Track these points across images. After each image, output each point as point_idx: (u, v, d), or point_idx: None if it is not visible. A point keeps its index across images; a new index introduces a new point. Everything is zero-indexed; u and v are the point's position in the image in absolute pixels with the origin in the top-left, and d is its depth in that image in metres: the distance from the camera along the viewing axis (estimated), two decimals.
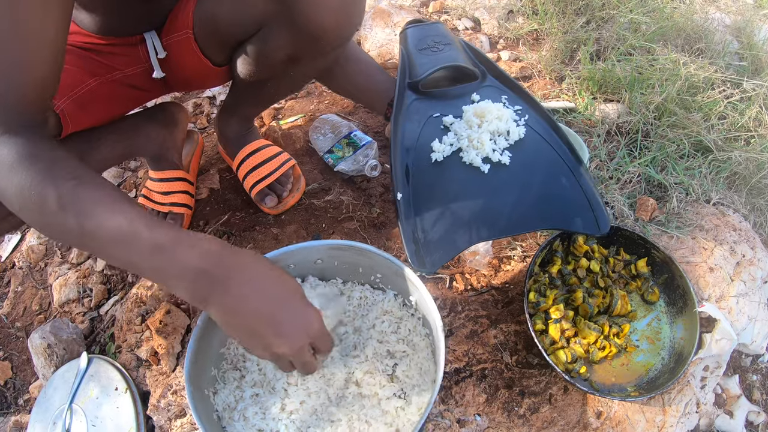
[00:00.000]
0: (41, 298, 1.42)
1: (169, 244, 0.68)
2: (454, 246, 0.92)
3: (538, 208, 0.98)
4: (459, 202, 0.97)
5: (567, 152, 1.04)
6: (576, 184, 1.00)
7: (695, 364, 1.12)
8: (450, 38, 1.17)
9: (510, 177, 1.01)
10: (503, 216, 0.96)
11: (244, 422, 0.91)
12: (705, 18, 1.85)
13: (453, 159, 1.03)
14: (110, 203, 0.69)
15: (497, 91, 1.14)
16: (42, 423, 1.11)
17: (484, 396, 1.04)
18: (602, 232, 0.95)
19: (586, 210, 0.98)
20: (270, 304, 0.72)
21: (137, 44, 1.06)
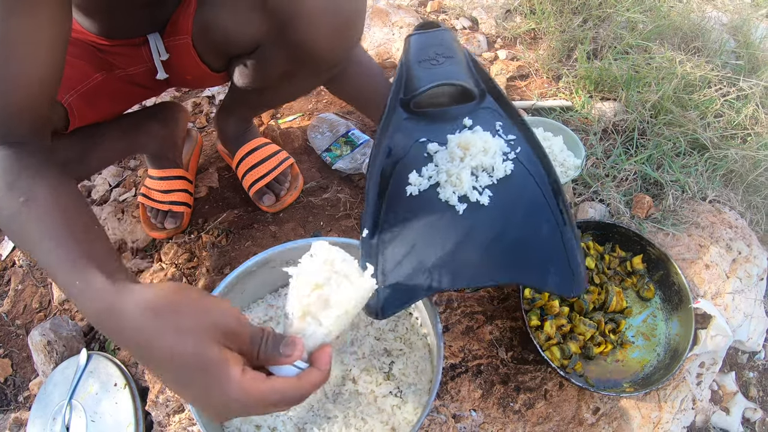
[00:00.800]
0: (41, 296, 1.43)
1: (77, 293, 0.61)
2: (412, 294, 0.81)
3: (510, 259, 0.85)
4: (427, 244, 0.85)
5: (554, 197, 0.90)
6: (558, 237, 0.86)
7: (691, 360, 1.13)
8: (454, 50, 1.06)
9: (486, 220, 0.88)
10: (471, 264, 0.84)
11: (242, 418, 0.92)
12: (702, 17, 1.85)
13: (430, 194, 0.91)
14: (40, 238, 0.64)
15: (493, 115, 1.02)
16: (42, 419, 1.12)
17: (479, 391, 1.04)
18: (575, 294, 0.83)
19: (564, 268, 0.84)
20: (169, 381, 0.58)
21: (140, 45, 1.06)
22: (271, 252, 1.00)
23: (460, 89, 1.02)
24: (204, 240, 1.32)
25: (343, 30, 0.90)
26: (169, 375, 0.55)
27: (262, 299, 1.08)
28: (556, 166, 1.32)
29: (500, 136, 0.98)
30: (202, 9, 0.99)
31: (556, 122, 1.43)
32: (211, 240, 1.32)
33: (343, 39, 0.92)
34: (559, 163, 1.34)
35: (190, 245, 1.32)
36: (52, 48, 0.72)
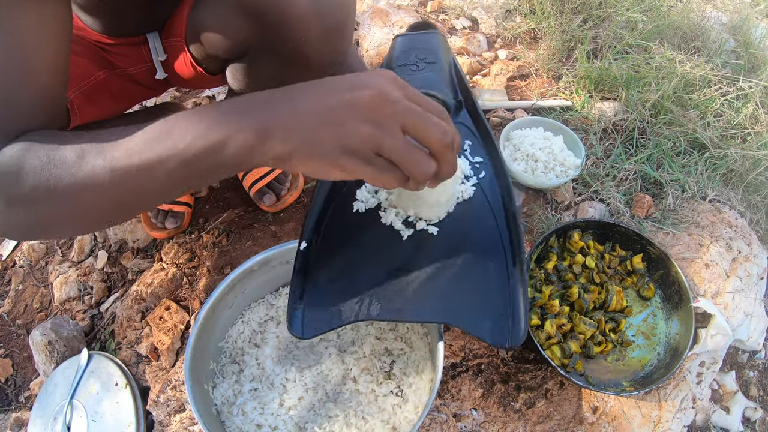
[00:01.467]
0: (42, 296, 1.43)
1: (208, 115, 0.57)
2: (337, 318, 0.76)
3: (448, 297, 0.78)
4: (364, 267, 0.80)
5: (508, 234, 0.82)
6: (504, 279, 0.78)
7: (691, 359, 1.13)
8: (437, 55, 1.01)
9: (430, 249, 0.81)
10: (404, 297, 0.77)
11: (243, 417, 0.92)
12: (701, 16, 1.86)
13: (376, 213, 0.86)
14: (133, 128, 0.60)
15: (465, 132, 0.95)
16: (43, 419, 1.12)
17: (480, 391, 1.04)
18: (512, 345, 0.73)
19: (504, 316, 0.75)
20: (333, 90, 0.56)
21: (140, 44, 1.07)
22: (272, 252, 1.01)
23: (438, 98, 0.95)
24: (205, 240, 1.32)
25: (331, 34, 0.88)
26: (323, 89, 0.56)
27: (262, 299, 1.08)
28: (556, 166, 1.32)
29: (466, 157, 0.92)
30: (194, 12, 0.98)
31: (557, 122, 1.43)
32: (212, 240, 1.32)
33: (332, 45, 0.90)
34: (559, 163, 1.34)
35: (191, 245, 1.33)
36: (59, 40, 0.72)
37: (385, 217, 0.85)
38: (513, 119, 1.53)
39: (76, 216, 0.64)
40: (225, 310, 1.01)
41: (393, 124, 0.55)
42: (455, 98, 0.97)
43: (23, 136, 0.65)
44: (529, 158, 1.35)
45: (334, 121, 0.54)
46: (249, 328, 1.04)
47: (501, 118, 1.55)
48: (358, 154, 0.55)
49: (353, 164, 0.55)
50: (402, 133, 0.56)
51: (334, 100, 0.55)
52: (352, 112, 0.54)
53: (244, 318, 1.05)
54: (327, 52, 0.90)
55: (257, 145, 0.54)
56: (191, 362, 0.89)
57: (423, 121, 0.56)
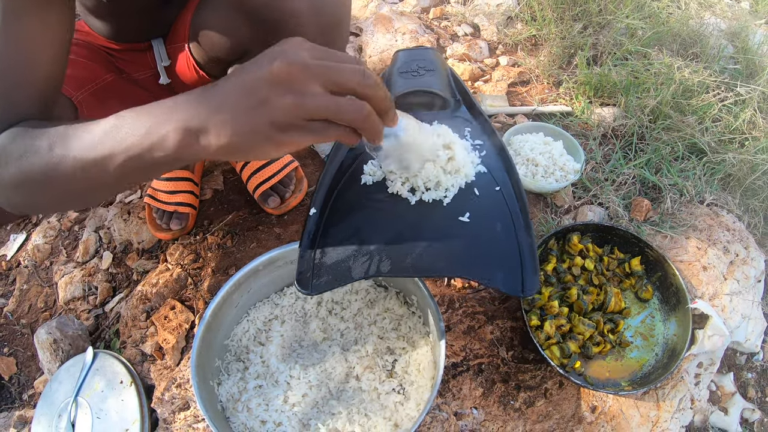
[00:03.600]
0: (46, 295, 1.44)
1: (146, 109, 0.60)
2: (347, 275, 0.81)
3: (458, 252, 0.83)
4: (371, 230, 0.85)
5: (514, 199, 0.89)
6: (512, 236, 0.84)
7: (689, 360, 1.14)
8: (435, 65, 1.08)
9: (439, 215, 0.87)
10: (414, 254, 0.82)
11: (248, 413, 0.94)
12: (700, 23, 1.88)
13: (383, 185, 0.92)
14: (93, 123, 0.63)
15: (464, 122, 1.03)
16: (47, 416, 1.13)
17: (480, 390, 1.06)
18: (525, 295, 0.79)
19: (515, 267, 0.81)
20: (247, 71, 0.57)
21: (145, 50, 1.09)
22: (277, 252, 1.02)
23: (434, 100, 1.03)
24: (209, 241, 1.34)
25: (326, 33, 0.90)
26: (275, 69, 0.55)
27: (267, 298, 1.10)
28: (556, 170, 1.34)
29: (467, 139, 0.98)
30: (197, 15, 1.01)
31: (557, 127, 1.45)
32: (217, 241, 1.34)
33: (329, 40, 0.91)
34: (559, 167, 1.36)
35: (196, 246, 1.34)
36: (59, 44, 0.75)
37: (392, 186, 0.89)
38: (514, 124, 1.55)
39: (49, 199, 0.70)
40: (230, 309, 1.03)
41: (311, 85, 0.55)
42: (454, 98, 1.04)
43: (14, 126, 0.70)
44: (530, 163, 1.37)
45: (257, 103, 0.55)
46: (254, 326, 1.05)
47: (502, 124, 1.57)
48: (293, 126, 0.55)
49: (292, 137, 0.56)
50: (323, 90, 0.56)
51: (251, 81, 0.55)
52: (270, 88, 0.55)
53: (249, 317, 1.07)
54: None
55: (193, 143, 0.56)
56: (197, 359, 0.91)
57: (337, 71, 0.56)
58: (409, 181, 0.88)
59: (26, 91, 0.74)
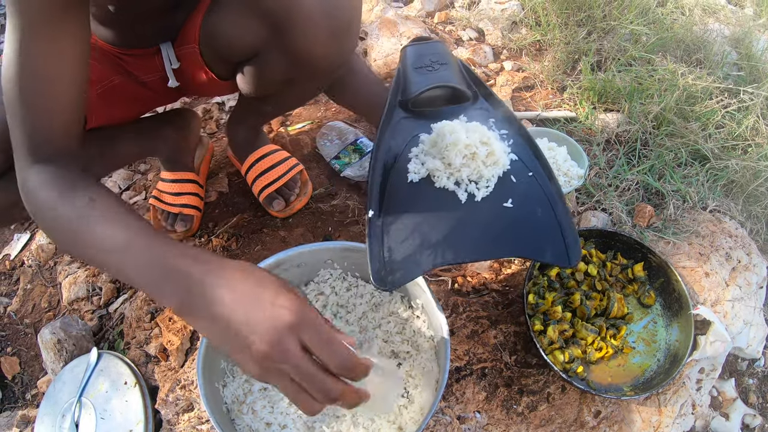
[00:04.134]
0: (50, 295, 1.45)
1: (157, 250, 0.66)
2: (417, 267, 0.88)
3: (508, 235, 0.94)
4: (429, 224, 0.93)
5: (547, 181, 0.99)
6: (551, 214, 0.95)
7: (690, 365, 1.15)
8: (447, 58, 1.14)
9: (484, 202, 0.96)
10: (470, 241, 0.92)
11: (253, 415, 0.94)
12: (704, 29, 1.88)
13: (429, 181, 0.99)
14: (115, 218, 0.70)
15: (486, 114, 1.11)
16: (51, 416, 1.14)
17: (483, 394, 1.06)
18: (572, 264, 0.91)
19: (558, 241, 0.92)
20: (242, 300, 0.61)
21: (153, 55, 1.09)
22: (284, 255, 1.02)
23: (454, 93, 1.10)
24: (214, 243, 1.34)
25: (338, 34, 0.91)
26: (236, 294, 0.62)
27: None
28: (559, 176, 1.35)
29: (493, 130, 1.05)
30: (208, 17, 1.01)
31: (561, 133, 1.45)
32: (221, 244, 1.34)
33: (339, 44, 0.93)
34: (562, 173, 1.36)
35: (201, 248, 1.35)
36: (77, 67, 0.76)
37: (438, 181, 0.98)
38: None
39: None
40: None
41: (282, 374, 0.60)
42: (470, 89, 1.12)
43: (47, 165, 0.76)
44: None
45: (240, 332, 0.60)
46: None
47: None
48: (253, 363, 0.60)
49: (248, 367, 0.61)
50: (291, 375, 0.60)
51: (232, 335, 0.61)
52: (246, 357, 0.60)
53: None
54: (334, 52, 0.94)
55: (183, 317, 0.65)
56: (203, 360, 0.91)
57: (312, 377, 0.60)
58: (454, 176, 0.98)
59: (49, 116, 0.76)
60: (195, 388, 1.11)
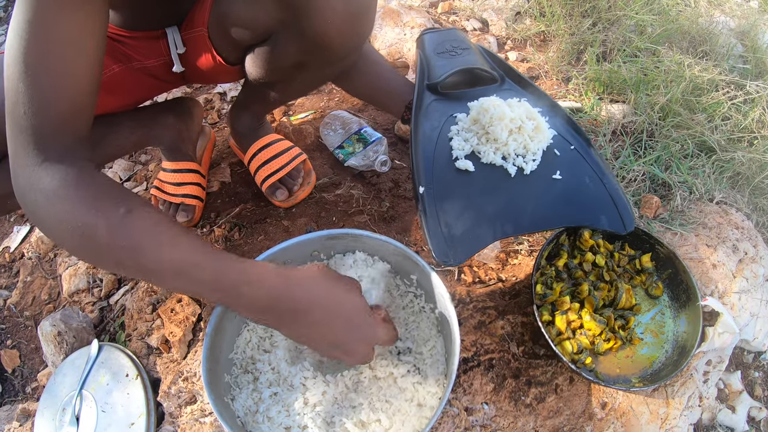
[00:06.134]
0: (50, 288, 1.43)
1: (232, 280, 0.71)
2: (478, 240, 0.91)
3: (562, 206, 0.98)
4: (481, 199, 0.96)
5: (590, 153, 1.03)
6: (600, 184, 0.99)
7: (698, 357, 1.14)
8: (467, 43, 1.18)
9: (533, 175, 1.00)
10: (527, 213, 0.95)
11: (270, 423, 0.91)
12: (710, 21, 1.87)
13: (474, 156, 1.02)
14: (165, 235, 0.68)
15: (517, 94, 1.14)
16: (51, 409, 1.12)
17: (491, 385, 1.05)
18: (628, 229, 0.96)
19: (611, 208, 0.97)
20: (336, 330, 0.78)
21: (158, 38, 1.08)
22: (268, 254, 1.00)
23: (480, 75, 1.13)
24: (216, 234, 1.33)
25: (354, 20, 0.91)
26: (339, 321, 0.78)
27: None
28: None
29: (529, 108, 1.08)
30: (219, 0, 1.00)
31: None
32: (224, 234, 1.33)
33: (355, 29, 0.93)
34: None
35: (203, 239, 1.33)
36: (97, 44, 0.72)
37: (485, 156, 1.01)
38: None
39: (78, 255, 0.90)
40: (230, 320, 0.99)
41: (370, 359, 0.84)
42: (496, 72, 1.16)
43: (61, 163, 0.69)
44: None
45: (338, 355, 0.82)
46: (255, 335, 1.02)
47: None
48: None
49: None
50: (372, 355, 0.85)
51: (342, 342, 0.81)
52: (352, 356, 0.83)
53: (249, 326, 1.03)
54: (350, 36, 0.93)
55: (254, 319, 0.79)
56: (208, 376, 0.88)
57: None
58: (500, 150, 1.00)
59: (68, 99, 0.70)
60: (198, 379, 1.10)
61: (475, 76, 1.13)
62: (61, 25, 0.67)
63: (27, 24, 0.65)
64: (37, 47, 0.66)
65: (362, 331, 0.80)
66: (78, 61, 0.70)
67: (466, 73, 1.12)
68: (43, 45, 0.66)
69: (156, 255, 0.67)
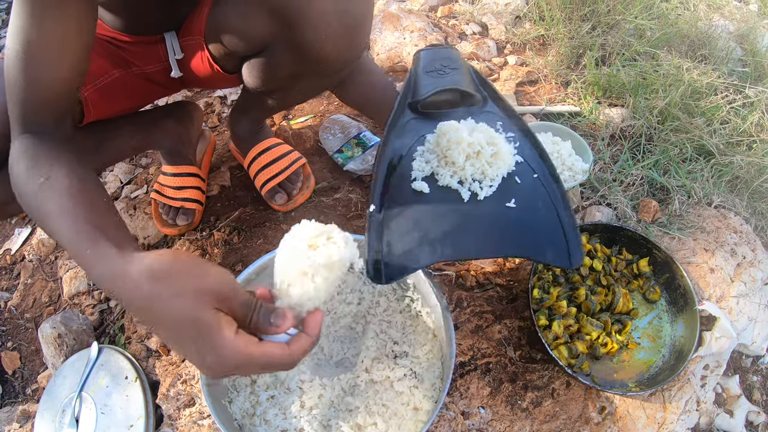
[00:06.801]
0: (51, 290, 1.44)
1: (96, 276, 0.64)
2: (416, 261, 0.88)
3: (510, 234, 0.93)
4: (430, 221, 0.93)
5: (552, 184, 0.99)
6: (555, 216, 0.94)
7: (695, 362, 1.14)
8: (458, 63, 1.16)
9: (486, 201, 0.97)
10: (472, 238, 0.92)
11: (267, 425, 0.92)
12: (709, 25, 1.87)
13: (432, 178, 1.00)
14: (60, 208, 0.69)
15: (494, 116, 1.12)
16: (51, 411, 1.13)
17: (488, 389, 1.05)
18: (573, 266, 0.90)
19: (561, 242, 0.91)
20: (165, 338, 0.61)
21: (157, 43, 1.08)
22: (267, 258, 1.01)
23: (463, 97, 1.12)
24: (216, 237, 1.33)
25: (350, 32, 0.91)
26: (167, 334, 0.59)
27: None
28: (564, 170, 1.34)
29: (500, 132, 1.06)
30: (215, 10, 1.00)
31: (565, 127, 1.44)
32: (223, 237, 1.33)
33: (350, 42, 0.93)
34: (567, 168, 1.35)
35: (202, 242, 1.34)
36: (79, 47, 0.77)
37: (441, 179, 0.98)
38: None
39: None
40: None
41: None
42: (480, 94, 1.13)
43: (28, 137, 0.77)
44: None
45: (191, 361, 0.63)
46: None
47: None
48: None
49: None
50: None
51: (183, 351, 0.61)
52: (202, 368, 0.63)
53: None
54: (345, 49, 0.93)
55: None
56: (207, 380, 0.89)
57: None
58: (458, 174, 0.98)
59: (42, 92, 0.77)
60: (196, 382, 1.10)
61: (462, 96, 1.12)
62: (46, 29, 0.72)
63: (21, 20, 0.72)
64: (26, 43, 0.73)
65: (187, 348, 0.59)
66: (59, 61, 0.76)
67: (453, 92, 1.11)
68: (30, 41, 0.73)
69: (49, 227, 0.70)
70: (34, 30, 0.71)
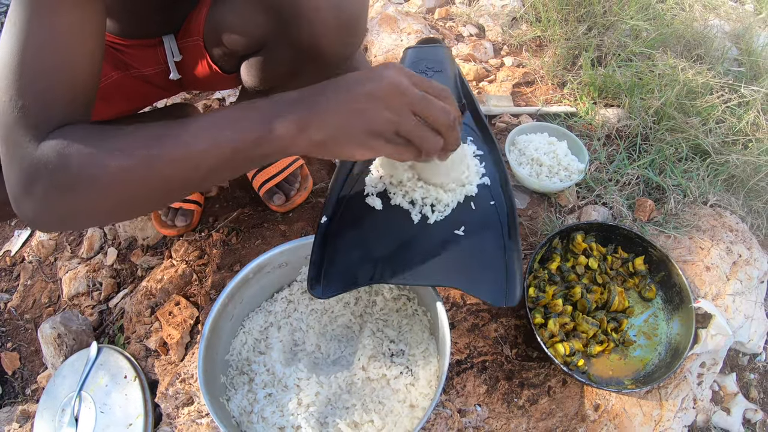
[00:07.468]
0: (50, 291, 1.45)
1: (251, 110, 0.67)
2: (353, 281, 0.86)
3: (451, 264, 0.87)
4: (376, 240, 0.90)
5: (506, 214, 0.92)
6: (500, 250, 0.88)
7: (692, 359, 1.14)
8: (444, 65, 1.12)
9: (436, 225, 0.90)
10: (412, 264, 0.87)
11: (264, 423, 0.92)
12: (704, 25, 1.88)
13: (385, 195, 0.95)
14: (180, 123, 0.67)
15: (468, 130, 1.05)
16: (50, 410, 1.13)
17: (484, 387, 1.06)
18: (508, 305, 0.82)
19: (500, 278, 0.85)
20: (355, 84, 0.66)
21: (155, 46, 1.09)
22: (265, 257, 1.02)
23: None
24: (214, 238, 1.34)
25: (345, 30, 0.91)
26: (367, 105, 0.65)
27: (259, 307, 1.10)
28: (560, 170, 1.35)
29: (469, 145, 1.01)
30: (213, 10, 1.01)
31: (561, 128, 1.45)
32: (221, 238, 1.34)
33: (346, 38, 0.93)
34: (563, 167, 1.36)
35: (201, 243, 1.35)
36: (97, 38, 0.74)
37: (393, 198, 0.93)
38: (518, 124, 1.56)
39: (109, 205, 0.69)
40: (226, 322, 1.01)
41: (406, 109, 0.66)
42: (459, 102, 1.03)
43: (58, 131, 0.67)
44: (534, 163, 1.37)
45: (359, 110, 0.65)
46: (251, 337, 1.04)
47: (506, 124, 1.57)
48: (382, 136, 0.67)
49: (378, 144, 0.67)
50: (413, 116, 0.67)
51: (358, 93, 0.66)
52: (373, 102, 0.65)
53: (245, 328, 1.05)
54: (341, 45, 0.94)
55: (297, 135, 0.65)
56: (204, 377, 0.89)
57: (429, 106, 0.68)
58: (409, 195, 0.92)
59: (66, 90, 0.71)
60: (195, 381, 1.11)
61: None
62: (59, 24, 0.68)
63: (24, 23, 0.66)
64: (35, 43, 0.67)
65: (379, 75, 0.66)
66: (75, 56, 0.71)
67: None
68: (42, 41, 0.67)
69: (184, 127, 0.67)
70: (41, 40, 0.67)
